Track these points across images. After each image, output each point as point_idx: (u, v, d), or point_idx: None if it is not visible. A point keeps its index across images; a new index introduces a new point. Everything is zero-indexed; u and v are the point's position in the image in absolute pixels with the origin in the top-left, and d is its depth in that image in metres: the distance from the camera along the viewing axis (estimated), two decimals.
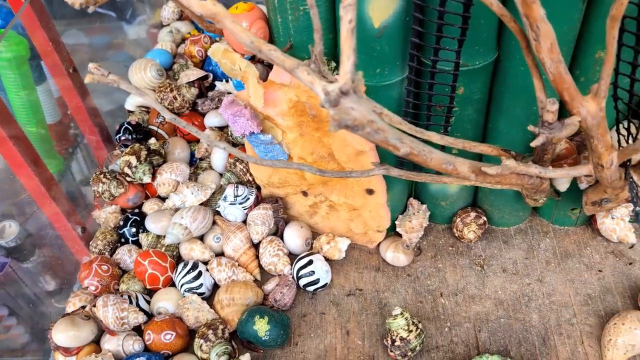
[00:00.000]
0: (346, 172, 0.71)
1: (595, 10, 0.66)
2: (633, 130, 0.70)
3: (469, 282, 0.87)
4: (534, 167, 0.66)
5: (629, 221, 0.85)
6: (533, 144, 0.61)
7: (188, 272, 0.86)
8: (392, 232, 0.93)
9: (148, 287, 0.88)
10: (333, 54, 0.72)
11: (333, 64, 0.71)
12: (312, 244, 0.93)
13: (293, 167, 0.70)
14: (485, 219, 0.90)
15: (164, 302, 0.86)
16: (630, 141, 0.71)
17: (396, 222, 0.91)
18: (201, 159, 1.04)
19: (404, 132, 0.65)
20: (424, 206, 0.92)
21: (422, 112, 0.73)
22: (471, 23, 0.65)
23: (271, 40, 0.77)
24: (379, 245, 0.92)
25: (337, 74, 0.71)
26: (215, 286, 0.89)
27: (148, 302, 0.87)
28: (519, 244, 0.91)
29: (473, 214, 0.90)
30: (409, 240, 0.91)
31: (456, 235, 0.91)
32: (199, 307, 0.84)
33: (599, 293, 0.84)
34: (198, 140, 1.06)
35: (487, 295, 0.85)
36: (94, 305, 0.81)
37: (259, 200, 0.94)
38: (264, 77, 0.75)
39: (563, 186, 0.80)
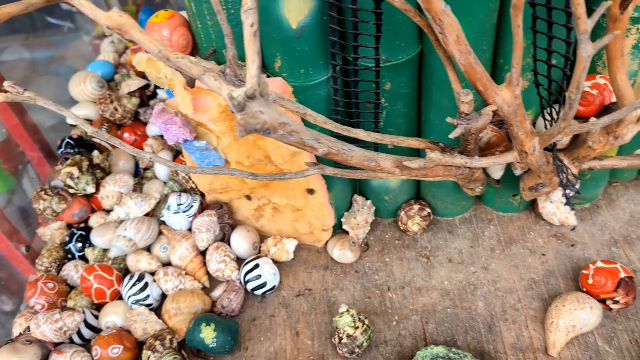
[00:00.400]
0: (280, 175, 0.71)
1: None
2: (556, 116, 0.71)
3: (416, 275, 0.88)
4: (460, 158, 0.67)
5: (565, 204, 0.86)
6: (451, 136, 0.62)
7: (134, 285, 0.85)
8: (339, 229, 0.93)
9: (96, 302, 0.87)
10: None
11: None
12: (260, 247, 0.93)
13: (224, 173, 0.70)
14: (429, 210, 0.91)
15: (112, 316, 0.85)
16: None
17: (342, 220, 0.91)
18: (146, 169, 1.03)
19: (332, 132, 0.65)
20: (369, 202, 0.92)
21: (352, 110, 0.73)
22: (389, 19, 0.66)
23: (195, 46, 0.76)
24: (327, 244, 0.92)
25: None
26: (164, 296, 0.88)
27: (97, 317, 0.86)
28: (464, 233, 0.92)
29: (417, 207, 0.90)
30: (356, 236, 0.91)
31: (402, 228, 0.92)
32: (146, 318, 0.83)
33: (543, 277, 0.85)
34: (142, 149, 1.05)
35: (434, 287, 0.86)
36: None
37: (203, 207, 0.93)
38: (192, 84, 0.74)
39: (497, 174, 0.81)
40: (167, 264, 0.92)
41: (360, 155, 0.60)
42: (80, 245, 0.93)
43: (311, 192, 0.82)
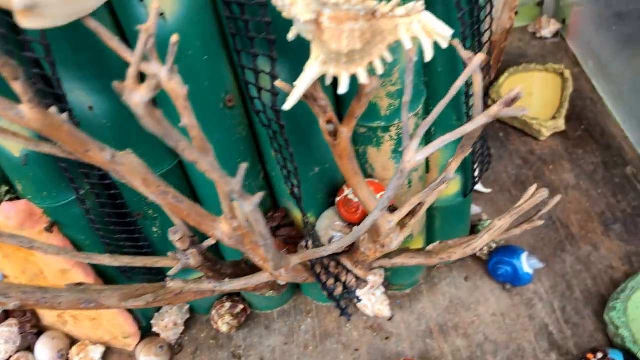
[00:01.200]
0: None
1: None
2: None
3: None
4: (207, 283, 0.63)
5: (341, 315, 0.83)
6: (170, 274, 0.58)
7: None
8: (150, 331, 0.89)
9: None
10: (1, 177, 0.67)
11: (4, 188, 0.67)
12: (67, 355, 0.88)
13: None
14: (243, 305, 0.87)
15: None
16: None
17: (152, 322, 0.87)
18: None
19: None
20: None
21: (109, 227, 0.69)
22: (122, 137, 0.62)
23: None
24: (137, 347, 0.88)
25: (7, 199, 0.67)
26: None
27: None
28: (280, 328, 0.88)
29: (228, 304, 0.86)
30: (167, 338, 0.86)
31: (214, 327, 0.88)
32: None
33: None
34: None
35: None
36: None
37: (7, 315, 0.88)
38: None
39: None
40: None
41: (72, 300, 0.56)
42: None
43: None
